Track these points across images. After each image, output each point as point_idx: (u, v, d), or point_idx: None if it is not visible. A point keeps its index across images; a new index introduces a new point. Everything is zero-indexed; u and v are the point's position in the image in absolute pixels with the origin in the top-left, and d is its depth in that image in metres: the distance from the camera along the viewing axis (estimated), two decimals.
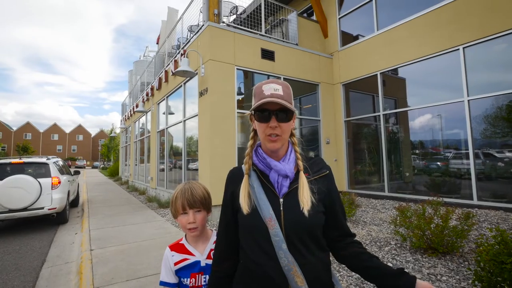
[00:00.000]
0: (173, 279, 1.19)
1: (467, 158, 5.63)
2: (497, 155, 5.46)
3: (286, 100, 0.94)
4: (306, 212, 0.92)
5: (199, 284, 1.17)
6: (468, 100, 5.63)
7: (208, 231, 1.29)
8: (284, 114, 0.94)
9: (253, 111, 0.99)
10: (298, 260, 0.90)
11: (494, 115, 5.43)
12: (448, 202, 5.24)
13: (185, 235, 1.27)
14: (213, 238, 1.26)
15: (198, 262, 1.19)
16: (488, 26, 5.37)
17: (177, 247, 1.23)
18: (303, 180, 0.97)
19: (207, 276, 1.16)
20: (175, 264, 1.18)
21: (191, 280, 1.16)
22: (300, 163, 1.00)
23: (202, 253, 1.20)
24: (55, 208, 5.73)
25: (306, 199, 0.93)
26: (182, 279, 1.18)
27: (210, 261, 1.18)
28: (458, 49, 5.78)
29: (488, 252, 2.10)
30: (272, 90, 0.94)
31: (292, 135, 1.06)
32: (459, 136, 5.94)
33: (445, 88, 6.20)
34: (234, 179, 1.07)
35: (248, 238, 0.98)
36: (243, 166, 1.07)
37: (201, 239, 1.24)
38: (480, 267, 2.20)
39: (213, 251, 1.19)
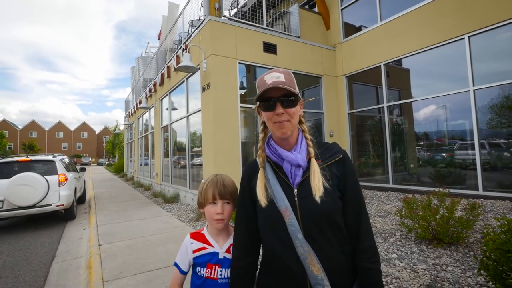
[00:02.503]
0: (185, 266, 1.20)
1: (473, 148, 5.58)
2: (503, 145, 5.41)
3: (288, 85, 0.94)
4: (319, 199, 0.91)
5: (215, 276, 1.16)
6: (474, 90, 5.56)
7: (230, 227, 1.28)
8: (288, 99, 0.95)
9: (259, 103, 1.00)
10: (315, 249, 0.91)
11: (500, 105, 5.36)
12: (453, 193, 5.21)
13: (207, 226, 1.26)
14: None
15: (216, 254, 1.18)
16: (494, 14, 5.26)
17: (197, 236, 1.23)
18: (315, 167, 0.96)
19: (223, 270, 1.16)
20: (194, 251, 1.19)
21: (207, 270, 1.16)
22: (312, 150, 1.00)
23: (221, 246, 1.20)
24: (63, 204, 5.82)
25: (317, 185, 0.92)
26: (197, 268, 1.18)
27: (228, 255, 1.18)
28: (464, 38, 5.68)
29: (495, 241, 2.10)
30: (273, 78, 0.95)
31: (301, 122, 1.05)
32: (464, 127, 5.88)
33: (450, 78, 6.12)
34: (250, 171, 1.08)
35: (267, 229, 1.00)
36: (257, 159, 1.07)
37: (222, 234, 1.23)
38: (486, 256, 2.20)
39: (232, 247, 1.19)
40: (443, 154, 6.36)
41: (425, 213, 3.35)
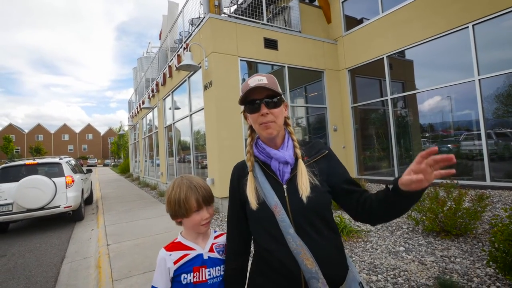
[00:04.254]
0: (165, 284, 1.11)
1: (479, 139, 5.52)
2: (510, 134, 5.33)
3: (271, 87, 0.98)
4: (308, 197, 0.94)
5: (203, 278, 1.11)
6: (479, 79, 5.47)
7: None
8: (272, 100, 0.99)
9: (244, 106, 1.04)
10: (307, 243, 0.92)
11: (507, 94, 5.28)
12: (460, 184, 5.17)
13: (181, 233, 1.21)
14: (213, 234, 1.24)
15: (200, 255, 1.14)
16: (497, 1, 5.16)
17: (174, 246, 1.16)
18: (301, 167, 0.99)
19: (211, 270, 1.13)
20: (175, 262, 1.11)
21: (194, 275, 1.10)
22: (298, 151, 1.03)
23: (203, 247, 1.16)
24: (71, 206, 5.89)
25: (305, 185, 0.95)
26: (182, 276, 1.10)
27: (212, 254, 1.16)
28: (468, 26, 5.59)
29: (503, 232, 2.08)
30: (256, 81, 0.99)
31: (287, 124, 1.08)
32: (470, 117, 5.80)
33: (454, 68, 6.03)
34: (239, 172, 1.11)
35: (258, 227, 1.02)
36: (247, 162, 1.10)
37: (201, 236, 1.19)
38: (495, 247, 2.18)
39: (215, 245, 1.18)
40: (449, 145, 6.29)
41: (432, 205, 3.33)
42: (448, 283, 2.20)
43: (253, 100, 0.99)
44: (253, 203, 0.99)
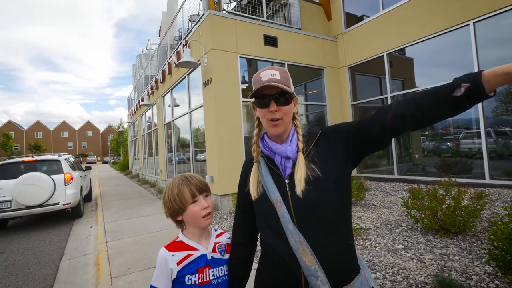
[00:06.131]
0: (166, 285, 1.08)
1: (479, 137, 5.51)
2: (509, 133, 5.33)
3: (283, 83, 0.95)
4: (305, 191, 0.91)
5: (208, 279, 1.10)
6: None
7: (208, 228, 1.22)
8: (283, 97, 0.96)
9: (254, 99, 1.01)
10: (308, 239, 0.90)
11: (506, 92, 5.27)
12: (459, 182, 5.17)
13: (182, 232, 1.18)
14: (214, 233, 1.21)
15: (204, 256, 1.12)
16: None
17: (176, 246, 1.12)
18: (299, 160, 0.96)
19: (214, 270, 1.12)
20: (179, 263, 1.08)
21: (199, 276, 1.09)
22: (300, 144, 1.00)
23: (207, 247, 1.14)
24: (69, 203, 5.88)
25: (298, 179, 0.93)
26: (186, 277, 1.07)
27: (215, 255, 1.15)
28: (468, 24, 5.56)
29: (503, 231, 2.07)
30: (269, 75, 0.96)
31: (294, 118, 1.06)
32: (469, 115, 5.79)
33: (455, 66, 6.01)
34: (248, 166, 1.12)
35: (262, 222, 1.02)
36: (252, 153, 1.10)
37: (204, 234, 1.17)
38: (494, 246, 2.17)
39: (218, 245, 1.18)
40: (448, 143, 6.29)
41: (431, 203, 3.33)
42: (446, 281, 2.20)
43: (263, 95, 0.97)
44: (253, 194, 1.00)
